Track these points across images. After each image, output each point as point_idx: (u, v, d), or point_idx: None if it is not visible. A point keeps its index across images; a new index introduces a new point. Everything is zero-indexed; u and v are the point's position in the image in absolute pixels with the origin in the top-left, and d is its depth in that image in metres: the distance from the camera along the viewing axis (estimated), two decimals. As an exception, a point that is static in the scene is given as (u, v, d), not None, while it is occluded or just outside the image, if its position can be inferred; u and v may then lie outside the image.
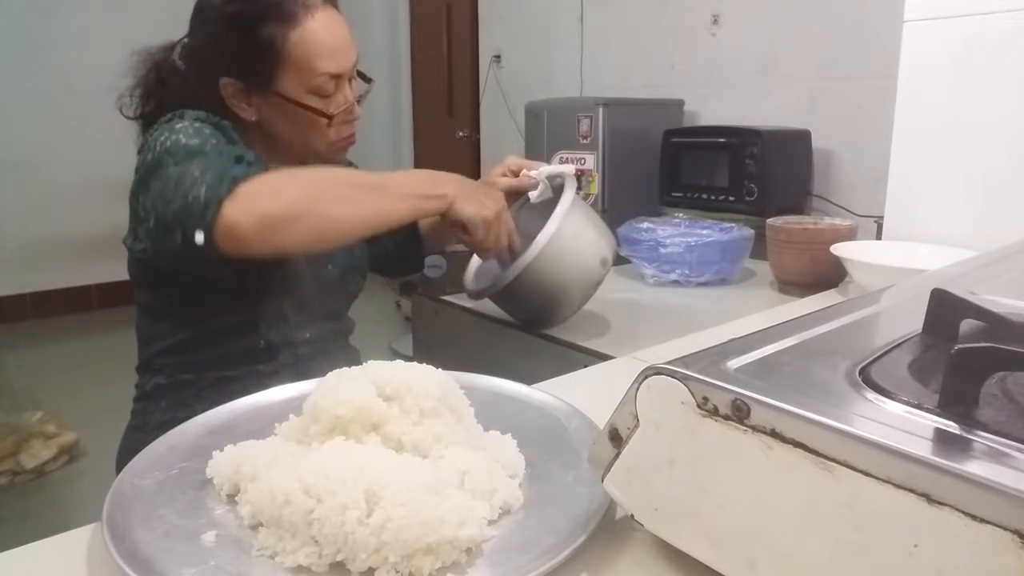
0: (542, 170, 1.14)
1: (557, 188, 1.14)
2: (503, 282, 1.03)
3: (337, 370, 0.57)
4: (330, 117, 0.96)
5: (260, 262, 0.85)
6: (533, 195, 1.14)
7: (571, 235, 1.03)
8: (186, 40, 0.98)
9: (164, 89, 0.99)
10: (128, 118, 1.00)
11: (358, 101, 1.01)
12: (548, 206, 1.13)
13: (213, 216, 0.75)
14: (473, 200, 0.91)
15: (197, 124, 0.89)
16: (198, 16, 0.96)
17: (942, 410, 0.37)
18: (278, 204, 0.78)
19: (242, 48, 0.92)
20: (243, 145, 0.96)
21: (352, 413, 0.52)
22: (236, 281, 0.90)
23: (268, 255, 0.82)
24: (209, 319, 0.96)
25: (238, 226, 0.75)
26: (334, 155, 1.03)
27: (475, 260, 1.23)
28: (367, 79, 1.05)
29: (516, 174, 1.16)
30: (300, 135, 0.98)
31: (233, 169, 0.79)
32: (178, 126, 0.88)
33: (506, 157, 1.19)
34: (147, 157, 0.87)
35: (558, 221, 1.01)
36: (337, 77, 0.95)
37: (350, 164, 1.27)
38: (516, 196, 1.18)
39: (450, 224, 0.93)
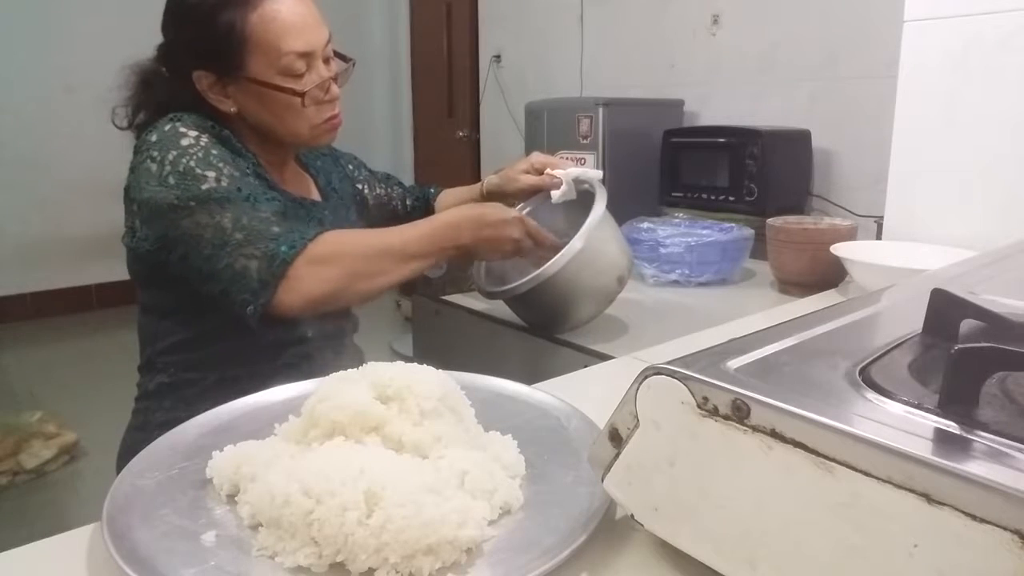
0: (569, 172, 1.13)
1: (580, 192, 1.14)
2: (521, 288, 1.03)
3: (335, 373, 0.57)
4: (301, 95, 0.95)
5: None
6: (555, 195, 1.13)
7: (595, 251, 1.03)
8: (161, 43, 0.99)
9: (153, 97, 0.99)
10: (120, 128, 1.00)
11: (335, 79, 0.99)
12: (568, 206, 1.12)
13: (268, 300, 0.85)
14: (489, 245, 0.98)
15: (203, 140, 0.90)
16: (166, 15, 0.97)
17: (942, 410, 0.37)
18: (324, 288, 0.87)
19: (206, 37, 0.92)
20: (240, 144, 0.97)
21: (349, 418, 0.52)
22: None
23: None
24: (212, 317, 0.96)
25: (290, 309, 0.86)
26: (319, 139, 1.02)
27: None
28: (346, 59, 1.03)
29: (540, 172, 1.15)
30: (279, 120, 0.97)
31: (280, 247, 0.85)
32: (183, 143, 0.89)
33: (532, 153, 1.19)
34: (150, 167, 0.88)
35: (585, 236, 1.00)
36: (306, 56, 0.94)
37: (355, 158, 1.27)
38: (535, 193, 1.18)
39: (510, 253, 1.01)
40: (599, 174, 1.14)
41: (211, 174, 0.87)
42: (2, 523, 2.06)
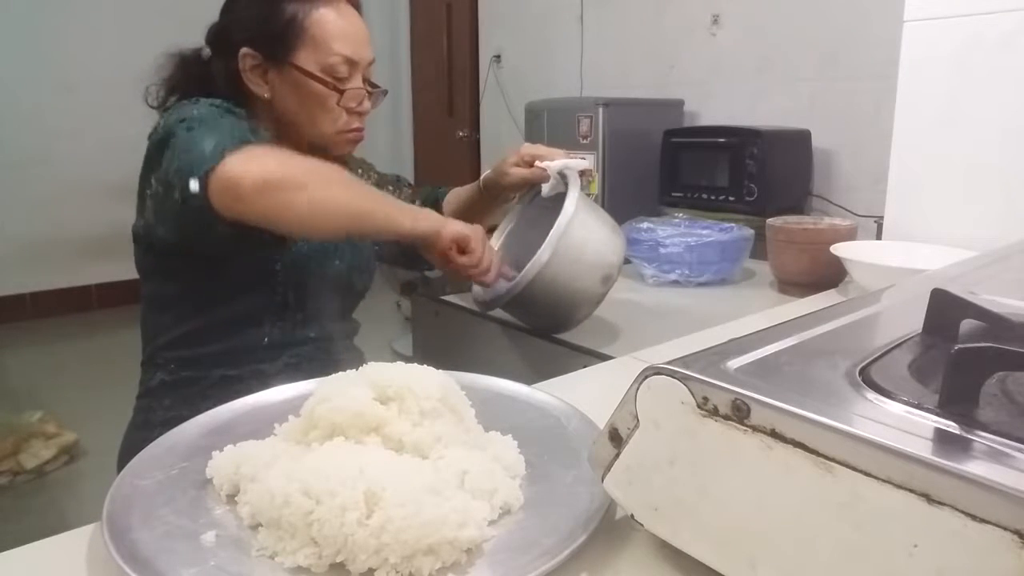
0: (553, 164, 1.11)
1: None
2: (501, 301, 1.04)
3: (334, 375, 0.57)
4: (340, 92, 0.99)
5: (254, 238, 0.85)
6: (544, 189, 1.12)
7: (568, 257, 0.99)
8: (215, 22, 1.02)
9: (188, 80, 1.02)
10: (151, 107, 1.03)
11: (369, 95, 1.03)
12: (562, 201, 1.10)
13: (214, 166, 0.76)
14: (458, 222, 0.96)
15: (213, 106, 0.91)
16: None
17: (942, 410, 0.37)
18: (281, 169, 0.80)
19: (267, 18, 0.97)
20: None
21: (349, 420, 0.52)
22: (230, 253, 0.93)
23: (258, 220, 0.81)
24: (214, 310, 0.96)
25: (238, 180, 0.77)
26: (341, 146, 1.04)
27: None
28: (374, 86, 1.06)
29: (530, 164, 1.15)
30: (309, 116, 1.00)
31: (245, 135, 0.83)
32: (192, 106, 0.90)
33: (521, 145, 1.18)
34: (158, 133, 0.89)
35: (553, 246, 0.97)
36: (351, 64, 0.99)
37: (364, 162, 1.27)
38: (530, 187, 1.17)
39: (445, 248, 0.94)
40: (581, 164, 1.11)
41: (208, 115, 0.87)
42: (2, 523, 2.06)
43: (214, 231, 0.82)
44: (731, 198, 2.07)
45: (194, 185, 0.77)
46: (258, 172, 0.78)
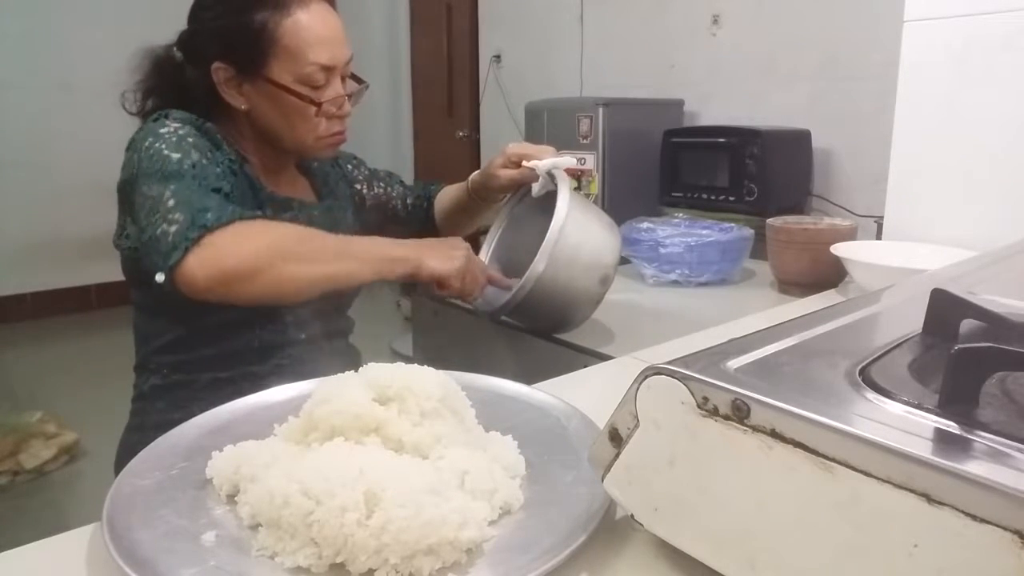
0: (541, 164, 1.10)
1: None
2: (503, 311, 1.04)
3: (333, 376, 0.57)
4: (318, 105, 0.96)
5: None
6: (535, 188, 1.11)
7: (564, 262, 1.00)
8: (185, 28, 1.00)
9: (164, 84, 1.00)
10: (131, 113, 1.02)
11: (349, 98, 1.01)
12: (552, 198, 1.10)
13: (176, 263, 0.79)
14: (438, 254, 0.93)
15: (182, 131, 0.90)
16: (197, 2, 0.99)
17: (942, 410, 0.37)
18: (238, 260, 0.80)
19: (236, 32, 0.94)
20: (231, 143, 0.97)
21: (348, 422, 0.52)
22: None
23: (224, 303, 0.83)
24: (204, 316, 0.96)
25: (195, 279, 0.79)
26: (322, 151, 1.03)
27: None
28: (360, 81, 1.05)
29: (518, 164, 1.14)
30: (288, 126, 0.98)
31: (206, 215, 0.81)
32: (162, 131, 0.89)
33: (506, 145, 1.16)
34: (132, 157, 0.89)
35: (548, 256, 0.98)
36: (328, 70, 0.96)
37: (355, 157, 1.27)
38: (519, 187, 1.16)
39: (425, 283, 0.94)
40: (568, 162, 1.11)
41: (176, 155, 0.87)
42: (2, 523, 2.06)
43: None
44: (731, 198, 2.07)
45: (159, 277, 0.80)
46: (215, 270, 0.79)
